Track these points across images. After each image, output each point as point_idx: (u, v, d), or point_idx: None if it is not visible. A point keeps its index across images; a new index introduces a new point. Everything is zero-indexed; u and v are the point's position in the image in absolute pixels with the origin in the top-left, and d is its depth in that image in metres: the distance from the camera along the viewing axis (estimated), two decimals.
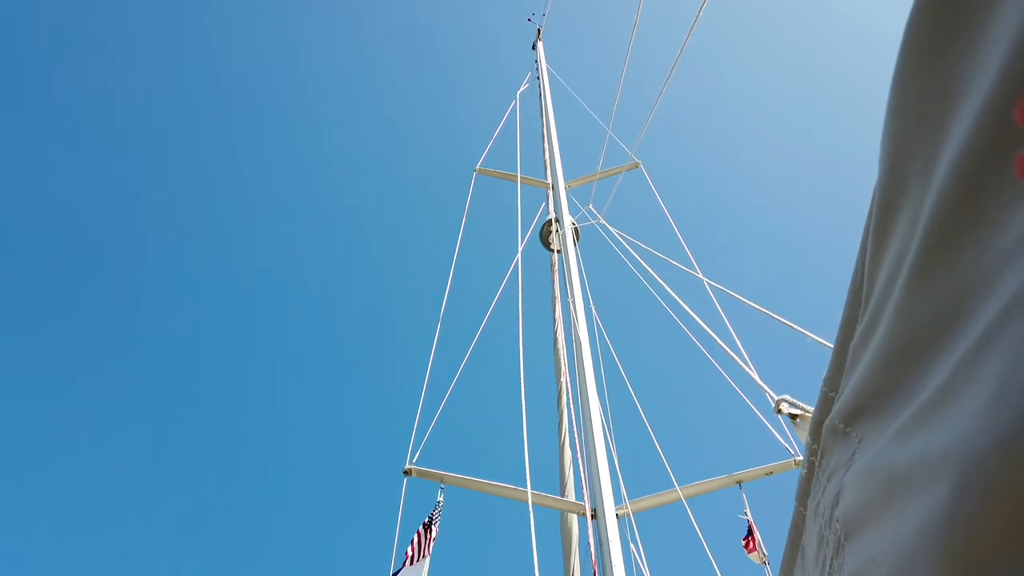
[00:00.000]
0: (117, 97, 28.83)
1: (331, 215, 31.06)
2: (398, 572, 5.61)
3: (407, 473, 6.42)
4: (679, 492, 6.40)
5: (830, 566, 0.96)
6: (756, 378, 3.44)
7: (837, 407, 1.02)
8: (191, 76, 30.49)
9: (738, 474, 6.49)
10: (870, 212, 0.87)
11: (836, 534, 0.94)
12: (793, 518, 1.27)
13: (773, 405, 2.22)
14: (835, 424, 1.02)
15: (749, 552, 6.05)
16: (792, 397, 2.12)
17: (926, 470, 0.65)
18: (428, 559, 5.75)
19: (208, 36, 30.95)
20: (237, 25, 31.59)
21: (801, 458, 6.58)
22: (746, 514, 6.38)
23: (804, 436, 2.05)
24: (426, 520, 6.12)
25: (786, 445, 6.62)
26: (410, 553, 5.80)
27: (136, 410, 25.55)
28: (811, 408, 2.07)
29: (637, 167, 9.19)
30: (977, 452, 0.56)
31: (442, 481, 6.41)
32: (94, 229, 27.53)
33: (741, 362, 4.00)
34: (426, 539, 5.92)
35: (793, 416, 2.06)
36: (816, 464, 1.13)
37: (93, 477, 24.16)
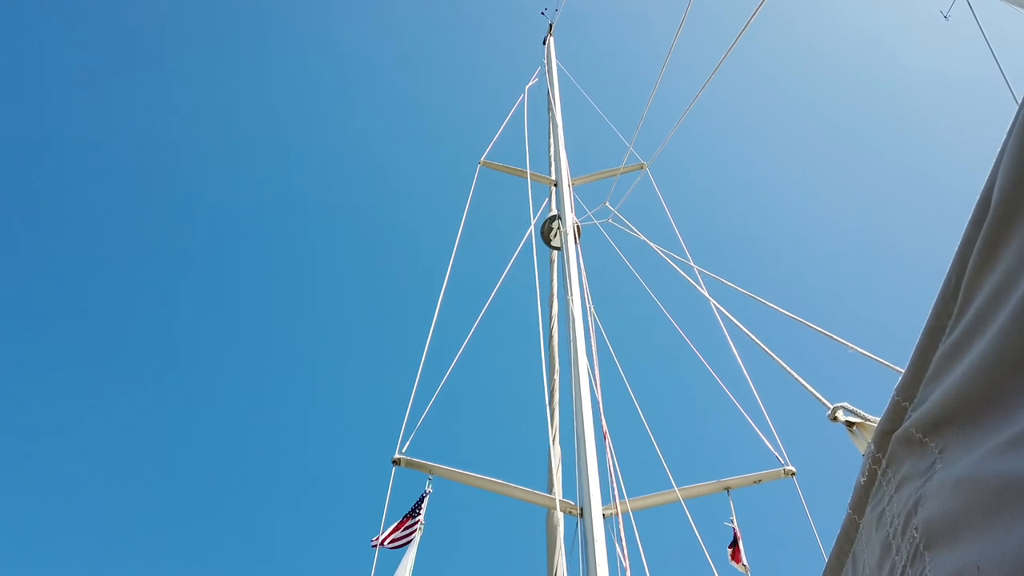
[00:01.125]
0: (116, 97, 28.45)
1: (332, 202, 30.89)
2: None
3: (396, 463, 6.42)
4: (667, 495, 6.43)
5: (903, 574, 0.96)
6: (807, 385, 3.43)
7: (914, 417, 1.01)
8: (194, 73, 30.18)
9: (727, 480, 6.52)
10: (976, 226, 0.86)
11: (912, 542, 0.93)
12: (844, 526, 1.27)
13: (828, 413, 2.22)
14: (910, 434, 1.01)
15: (735, 561, 6.07)
16: (850, 404, 2.11)
17: None
18: (415, 549, 5.74)
19: (218, 28, 30.65)
20: (245, 17, 31.31)
21: (791, 468, 6.63)
22: (732, 521, 6.40)
23: (861, 444, 2.05)
24: (411, 509, 6.12)
25: (776, 454, 6.67)
26: (382, 537, 5.77)
27: (120, 398, 25.31)
28: (871, 416, 2.07)
29: (643, 168, 9.20)
30: None
31: (431, 472, 6.40)
32: (88, 226, 27.15)
33: (790, 369, 3.99)
34: (411, 527, 5.91)
35: (850, 424, 2.06)
36: (879, 473, 1.12)
37: (81, 468, 23.89)
